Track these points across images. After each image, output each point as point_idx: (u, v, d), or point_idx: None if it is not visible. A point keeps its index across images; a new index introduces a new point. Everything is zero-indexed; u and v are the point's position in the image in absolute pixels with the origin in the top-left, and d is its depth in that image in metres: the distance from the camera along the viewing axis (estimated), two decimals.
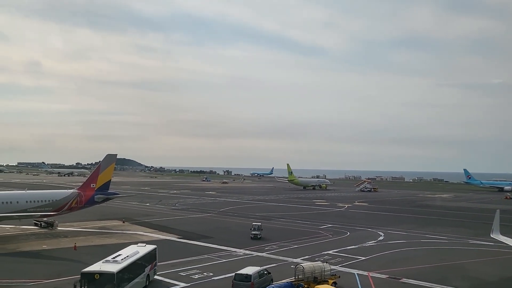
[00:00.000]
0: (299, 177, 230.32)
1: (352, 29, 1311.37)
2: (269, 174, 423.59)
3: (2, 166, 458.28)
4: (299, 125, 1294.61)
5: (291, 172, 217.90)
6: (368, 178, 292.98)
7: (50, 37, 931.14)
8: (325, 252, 57.44)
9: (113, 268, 34.07)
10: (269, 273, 42.51)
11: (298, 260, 51.80)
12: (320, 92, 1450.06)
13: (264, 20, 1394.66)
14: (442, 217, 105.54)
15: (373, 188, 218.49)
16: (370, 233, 76.43)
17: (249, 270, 40.51)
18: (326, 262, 45.51)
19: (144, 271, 39.55)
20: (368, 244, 65.09)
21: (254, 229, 67.88)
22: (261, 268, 42.54)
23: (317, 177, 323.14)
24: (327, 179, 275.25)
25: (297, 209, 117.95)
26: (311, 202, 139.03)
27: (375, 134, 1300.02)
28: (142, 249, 41.23)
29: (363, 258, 54.88)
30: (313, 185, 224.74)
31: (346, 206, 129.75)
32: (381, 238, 71.32)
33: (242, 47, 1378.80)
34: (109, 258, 36.63)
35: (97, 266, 34.74)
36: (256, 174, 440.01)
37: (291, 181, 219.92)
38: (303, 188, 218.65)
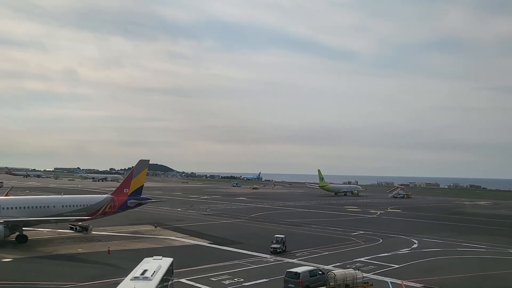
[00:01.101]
0: (330, 183, 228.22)
1: (382, 33, 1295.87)
2: (257, 179, 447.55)
3: (40, 171, 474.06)
4: (330, 130, 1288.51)
5: (322, 178, 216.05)
6: (401, 184, 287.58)
7: (85, 45, 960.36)
8: (357, 259, 56.47)
9: (150, 286, 30.72)
10: (323, 273, 43.03)
11: (329, 267, 51.07)
12: (351, 96, 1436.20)
13: (295, 25, 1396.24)
14: (480, 225, 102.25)
15: (406, 195, 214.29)
16: (403, 240, 74.75)
17: (300, 268, 42.63)
18: (358, 270, 44.71)
19: (168, 287, 36.23)
20: (401, 252, 63.63)
21: (277, 242, 60.60)
22: (313, 267, 43.85)
23: (349, 183, 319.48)
24: (358, 185, 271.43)
25: (328, 215, 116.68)
26: (343, 209, 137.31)
27: (408, 139, 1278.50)
28: (163, 263, 36.60)
29: (397, 266, 53.64)
30: (344, 191, 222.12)
31: (379, 212, 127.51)
32: (415, 245, 69.59)
33: (274, 52, 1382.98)
34: (137, 274, 32.86)
35: (130, 285, 30.71)
36: (245, 178, 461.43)
37: (322, 187, 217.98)
38: (335, 194, 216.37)
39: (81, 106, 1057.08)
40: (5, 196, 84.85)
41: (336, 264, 52.97)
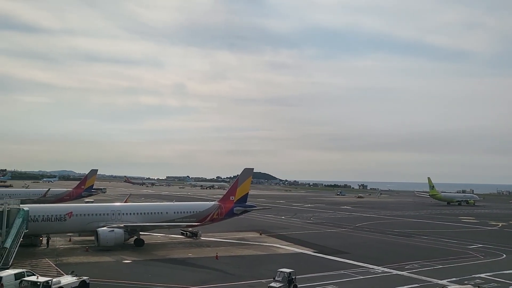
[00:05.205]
0: (441, 192, 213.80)
1: (501, 29, 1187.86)
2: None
3: (154, 179, 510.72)
4: (440, 136, 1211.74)
5: (433, 187, 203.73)
6: None
7: (193, 60, 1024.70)
8: (476, 275, 51.60)
9: None
10: None
11: (443, 282, 47.58)
12: (463, 99, 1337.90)
13: (399, 28, 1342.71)
14: None
15: None
16: None
17: None
18: (478, 287, 40.78)
19: None
20: None
21: (280, 280, 42.68)
22: None
23: (463, 191, 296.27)
24: (474, 194, 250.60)
25: (440, 226, 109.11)
26: (457, 219, 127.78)
27: None
28: None
29: None
30: (458, 201, 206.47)
31: (500, 224, 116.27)
32: None
33: (377, 57, 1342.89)
34: None
35: None
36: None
37: (433, 196, 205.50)
38: (447, 203, 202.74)
39: (190, 118, 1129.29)
40: (124, 202, 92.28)
41: (452, 279, 48.97)
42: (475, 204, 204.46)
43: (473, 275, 51.52)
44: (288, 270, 43.33)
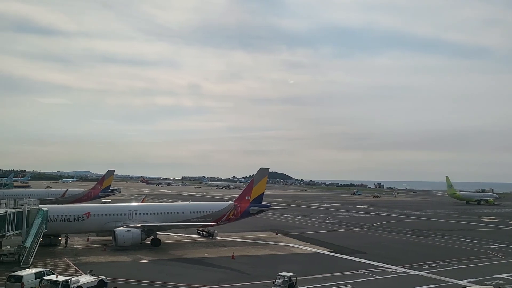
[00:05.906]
0: (460, 191, 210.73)
1: None
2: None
3: (170, 179, 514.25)
4: (458, 135, 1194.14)
5: (451, 185, 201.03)
6: None
7: (208, 61, 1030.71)
8: (497, 276, 50.65)
9: None
10: None
11: (463, 282, 46.92)
12: (482, 96, 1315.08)
13: (416, 25, 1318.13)
14: None
15: None
16: None
17: None
18: (499, 287, 40.02)
19: None
20: None
21: (280, 284, 41.64)
22: None
23: (482, 190, 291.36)
24: (494, 193, 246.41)
25: (459, 225, 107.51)
26: (476, 219, 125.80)
27: None
28: None
29: None
30: (477, 200, 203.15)
31: None
32: None
33: (394, 55, 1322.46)
34: None
35: None
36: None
37: (451, 195, 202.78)
38: (466, 202, 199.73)
39: (206, 118, 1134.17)
40: (141, 203, 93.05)
41: (472, 280, 48.22)
42: (495, 203, 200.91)
43: (494, 276, 50.60)
44: (288, 274, 42.16)
